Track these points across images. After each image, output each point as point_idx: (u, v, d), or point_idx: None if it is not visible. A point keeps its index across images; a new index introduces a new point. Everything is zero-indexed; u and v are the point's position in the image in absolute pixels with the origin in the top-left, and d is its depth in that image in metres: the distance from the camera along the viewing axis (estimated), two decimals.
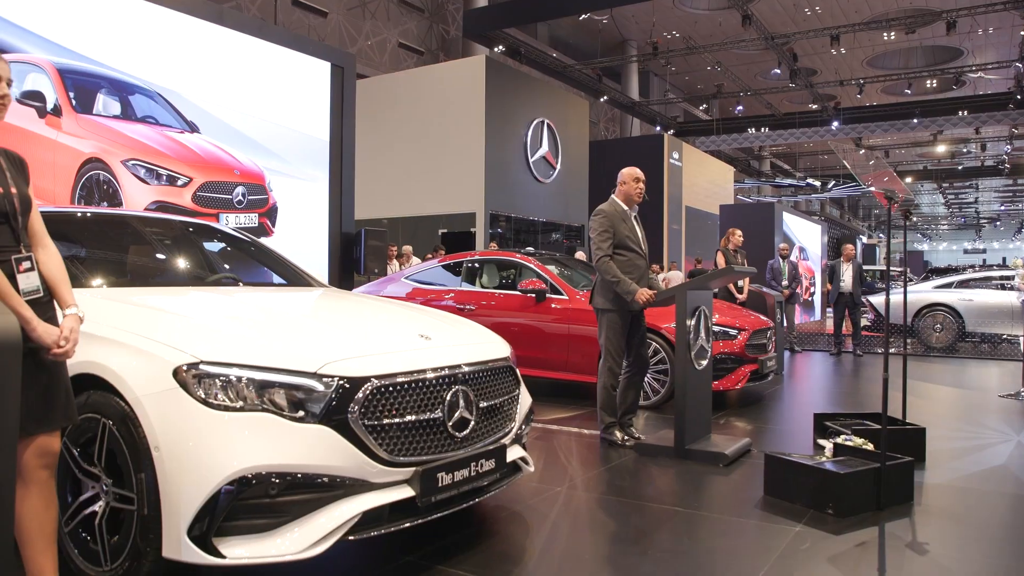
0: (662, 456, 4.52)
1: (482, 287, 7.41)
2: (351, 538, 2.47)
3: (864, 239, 35.70)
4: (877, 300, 11.59)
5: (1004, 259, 38.64)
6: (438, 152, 13.57)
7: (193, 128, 7.36)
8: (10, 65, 2.25)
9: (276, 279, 4.19)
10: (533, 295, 6.69)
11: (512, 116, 13.86)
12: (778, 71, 21.08)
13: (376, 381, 2.56)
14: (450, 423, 2.76)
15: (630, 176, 4.84)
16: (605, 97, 23.80)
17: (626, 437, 4.81)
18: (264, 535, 2.38)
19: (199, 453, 2.34)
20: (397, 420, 2.60)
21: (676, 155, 18.70)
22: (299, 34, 11.78)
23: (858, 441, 4.20)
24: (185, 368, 2.42)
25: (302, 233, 8.98)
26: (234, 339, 2.61)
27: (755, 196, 29.73)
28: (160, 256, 3.94)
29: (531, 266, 7.03)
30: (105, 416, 2.49)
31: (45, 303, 2.24)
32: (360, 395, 2.51)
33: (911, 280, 24.77)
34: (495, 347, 3.24)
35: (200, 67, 7.61)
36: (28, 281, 2.18)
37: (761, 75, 25.71)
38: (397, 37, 21.09)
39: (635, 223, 4.85)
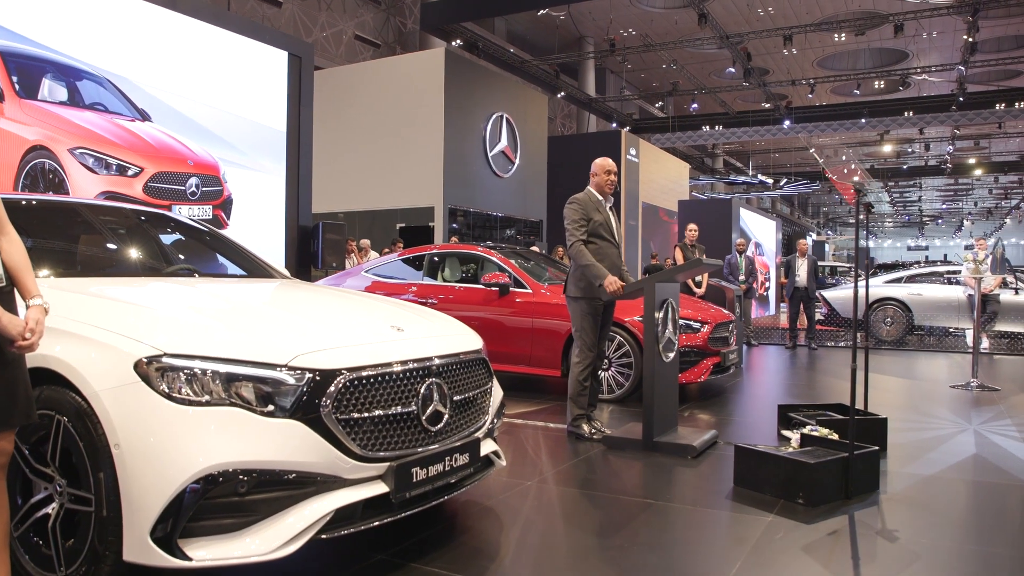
0: (630, 449, 4.51)
1: (444, 281, 7.32)
2: (323, 537, 2.38)
3: (814, 236, 36.50)
4: (830, 295, 11.81)
5: (945, 255, 39.94)
6: (396, 145, 13.39)
7: (144, 116, 7.10)
8: None
9: (235, 270, 4.05)
10: (496, 288, 6.63)
11: (471, 110, 13.75)
12: (732, 70, 21.34)
13: (348, 374, 2.47)
14: (424, 417, 2.69)
15: (601, 167, 4.83)
16: (562, 93, 23.83)
17: (593, 430, 4.78)
18: (232, 535, 2.27)
19: (163, 450, 2.22)
20: (370, 414, 2.51)
21: (633, 151, 18.80)
22: (255, 22, 11.50)
23: (824, 431, 4.24)
24: (147, 361, 2.29)
25: (257, 226, 8.77)
26: (198, 330, 2.49)
27: (709, 193, 30.12)
28: (111, 246, 3.76)
29: (494, 259, 6.97)
30: (59, 413, 2.36)
31: (7, 293, 2.10)
32: (332, 388, 2.42)
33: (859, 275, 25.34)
34: (468, 339, 3.17)
35: (152, 53, 7.35)
36: None
37: (715, 74, 26.01)
38: (353, 29, 20.77)
39: (610, 213, 4.84)
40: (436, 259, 7.50)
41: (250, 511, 2.29)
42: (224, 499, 2.25)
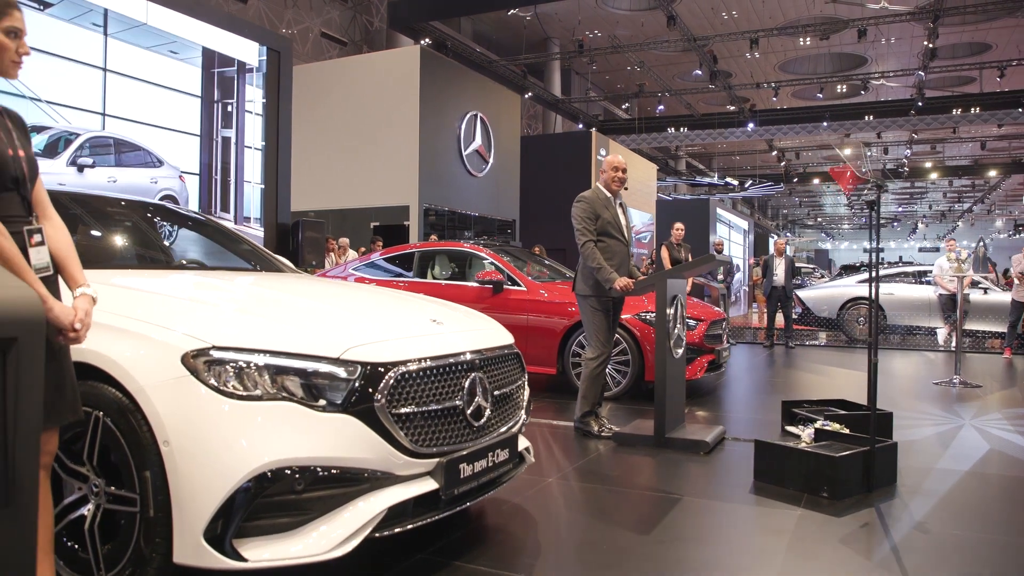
0: (641, 445, 4.49)
1: (434, 279, 7.23)
2: (376, 535, 2.30)
3: (776, 237, 37.18)
4: (804, 294, 11.99)
5: (900, 257, 40.99)
6: (370, 143, 13.22)
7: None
8: None
9: (239, 263, 3.90)
10: (490, 286, 6.57)
11: (446, 108, 13.65)
12: (699, 72, 21.61)
13: (400, 367, 2.39)
14: (469, 412, 2.62)
15: (610, 165, 4.80)
16: (529, 93, 23.84)
17: (601, 427, 4.76)
18: (287, 535, 2.18)
19: (217, 447, 2.12)
20: (419, 409, 2.44)
21: (603, 152, 18.88)
22: (233, 15, 11.25)
23: (835, 426, 4.28)
24: (194, 354, 2.19)
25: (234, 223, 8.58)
26: (243, 322, 2.39)
27: (673, 194, 30.45)
28: (118, 238, 3.60)
29: (487, 257, 6.91)
30: (97, 409, 2.24)
31: (52, 281, 1.98)
32: (385, 382, 2.34)
33: (822, 277, 25.88)
34: (501, 334, 3.12)
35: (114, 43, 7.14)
36: (39, 256, 1.93)
37: (679, 76, 26.28)
38: (320, 26, 20.48)
39: (619, 210, 4.81)
40: (425, 257, 7.40)
41: (305, 509, 2.21)
42: (280, 497, 2.16)
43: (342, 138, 13.49)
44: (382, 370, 2.35)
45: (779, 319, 11.00)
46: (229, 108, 8.65)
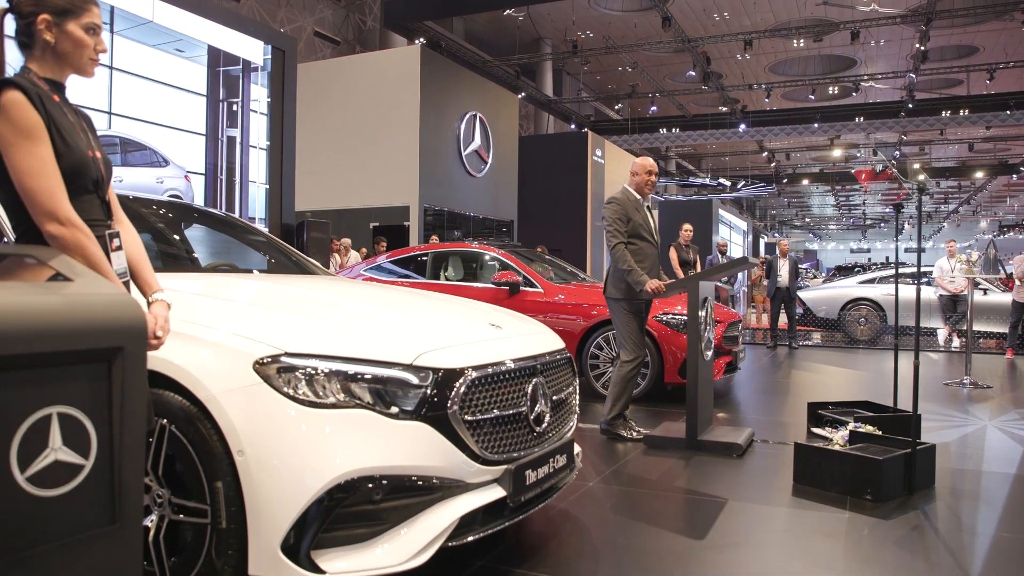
0: (673, 448, 4.47)
1: (447, 280, 7.18)
2: (450, 544, 2.26)
3: (765, 239, 37.40)
4: (804, 295, 12.02)
5: (887, 258, 41.34)
6: (370, 143, 13.13)
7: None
8: None
9: (272, 266, 3.84)
10: (506, 287, 6.53)
11: (445, 108, 13.59)
12: (693, 73, 21.66)
13: (471, 373, 2.35)
14: (532, 417, 2.59)
15: (642, 168, 4.77)
16: (523, 94, 23.80)
17: (630, 431, 4.73)
18: (363, 545, 2.13)
19: (294, 456, 2.07)
20: (488, 415, 2.40)
21: (600, 153, 18.90)
22: (239, 13, 11.14)
23: (869, 428, 4.27)
24: (267, 361, 2.14)
25: None
26: (315, 328, 2.34)
27: (664, 195, 30.52)
28: (161, 242, 3.53)
29: (502, 258, 6.87)
30: (162, 417, 2.18)
31: (126, 286, 1.92)
32: (457, 388, 2.30)
33: (815, 277, 25.99)
34: (554, 338, 3.08)
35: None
36: (119, 262, 1.87)
37: (670, 77, 26.35)
38: (313, 25, 20.33)
39: (648, 213, 4.78)
40: (438, 258, 7.35)
41: (381, 520, 2.16)
42: (358, 507, 2.11)
43: (341, 138, 13.39)
44: (454, 376, 2.31)
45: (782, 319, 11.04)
46: (234, 107, 8.56)
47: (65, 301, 1.42)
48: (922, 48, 19.22)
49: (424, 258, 7.42)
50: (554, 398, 2.78)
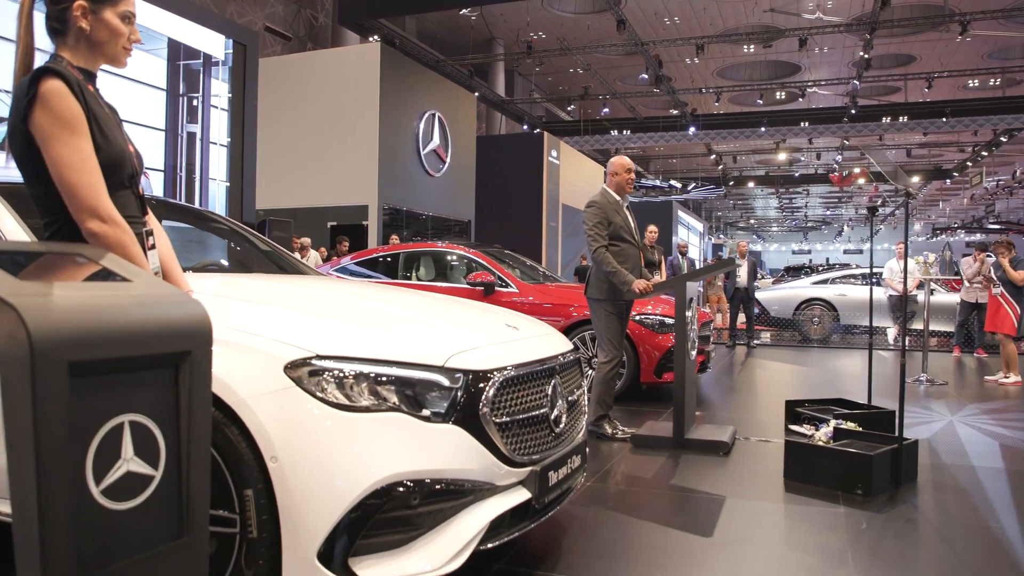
0: (660, 447, 4.51)
1: (419, 280, 7.12)
2: (481, 548, 2.24)
3: (712, 240, 38.17)
4: (760, 295, 12.29)
5: (828, 260, 42.64)
6: (328, 141, 12.93)
7: None
8: None
9: (269, 267, 3.75)
10: (481, 288, 6.50)
11: (405, 107, 13.47)
12: (645, 76, 21.95)
13: (500, 374, 2.33)
14: (552, 418, 2.58)
15: (621, 166, 4.80)
16: (477, 93, 23.75)
17: (615, 430, 4.76)
18: (399, 552, 2.09)
19: (330, 462, 2.01)
20: (515, 416, 2.39)
21: (555, 153, 19.00)
22: (201, 6, 10.82)
23: (851, 425, 4.39)
24: (298, 363, 2.08)
25: None
26: (344, 330, 2.29)
27: None
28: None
29: (475, 257, 6.84)
30: None
31: None
32: (487, 390, 2.27)
33: (763, 277, 26.61)
34: (564, 339, 3.07)
35: None
36: (153, 261, 1.80)
37: (621, 79, 26.66)
38: (263, 20, 19.92)
39: (627, 213, 4.81)
40: (409, 258, 7.28)
41: (416, 525, 2.12)
42: (396, 513, 2.07)
43: (298, 135, 13.16)
44: (484, 378, 2.28)
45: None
46: (195, 102, 8.32)
47: (135, 303, 1.36)
48: (865, 56, 19.84)
49: (394, 259, 7.34)
50: (569, 399, 2.77)
